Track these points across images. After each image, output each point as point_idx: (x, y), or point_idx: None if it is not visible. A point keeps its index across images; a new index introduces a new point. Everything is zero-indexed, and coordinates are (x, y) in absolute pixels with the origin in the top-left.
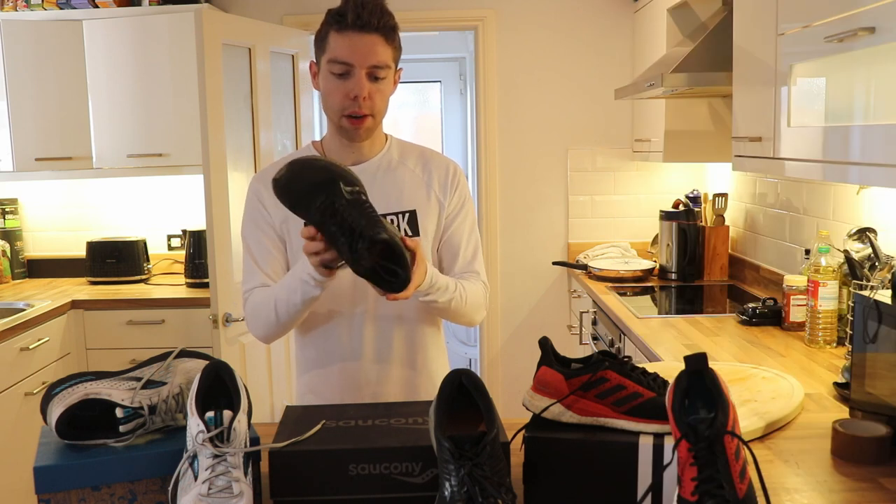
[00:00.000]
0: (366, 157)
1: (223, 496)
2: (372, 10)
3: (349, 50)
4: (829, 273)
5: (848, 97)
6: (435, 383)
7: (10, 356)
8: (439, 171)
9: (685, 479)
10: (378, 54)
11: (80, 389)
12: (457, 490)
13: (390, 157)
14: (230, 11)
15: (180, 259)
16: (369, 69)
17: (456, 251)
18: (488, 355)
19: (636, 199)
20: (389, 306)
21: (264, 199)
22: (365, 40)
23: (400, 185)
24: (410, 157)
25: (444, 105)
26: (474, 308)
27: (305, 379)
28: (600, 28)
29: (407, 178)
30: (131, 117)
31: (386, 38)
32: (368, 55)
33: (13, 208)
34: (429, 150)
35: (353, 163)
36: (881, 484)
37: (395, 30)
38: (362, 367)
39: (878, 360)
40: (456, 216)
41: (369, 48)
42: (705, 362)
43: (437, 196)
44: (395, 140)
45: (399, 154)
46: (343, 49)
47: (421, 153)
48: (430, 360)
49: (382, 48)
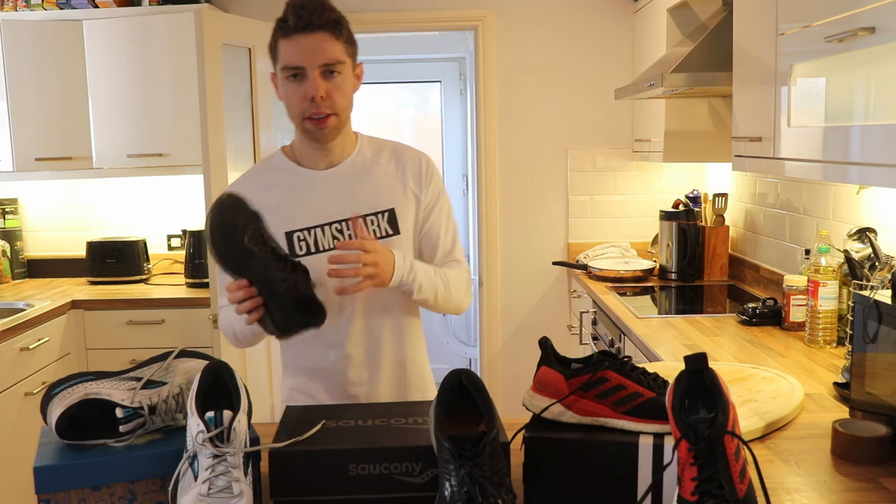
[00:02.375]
0: (338, 160)
1: (223, 496)
2: (312, 8)
3: (297, 53)
4: (829, 273)
5: (848, 97)
6: (423, 378)
7: (10, 356)
8: (412, 165)
9: (685, 479)
10: (327, 51)
11: (80, 389)
12: (457, 490)
13: (363, 157)
14: (230, 11)
15: (180, 259)
16: (321, 68)
17: (435, 243)
18: (488, 355)
19: (636, 199)
20: (376, 303)
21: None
22: (311, 40)
23: (376, 184)
24: (383, 154)
25: (444, 105)
26: (459, 294)
27: (291, 380)
28: (600, 28)
29: (382, 176)
30: (131, 117)
31: (332, 32)
32: (317, 54)
33: (13, 208)
34: (399, 144)
35: (325, 167)
36: (881, 484)
37: (339, 23)
38: (351, 366)
39: (878, 360)
40: (433, 208)
41: (317, 47)
42: (705, 362)
43: (412, 191)
44: (366, 138)
45: (372, 153)
46: (292, 53)
47: (392, 149)
48: (417, 356)
49: (331, 44)
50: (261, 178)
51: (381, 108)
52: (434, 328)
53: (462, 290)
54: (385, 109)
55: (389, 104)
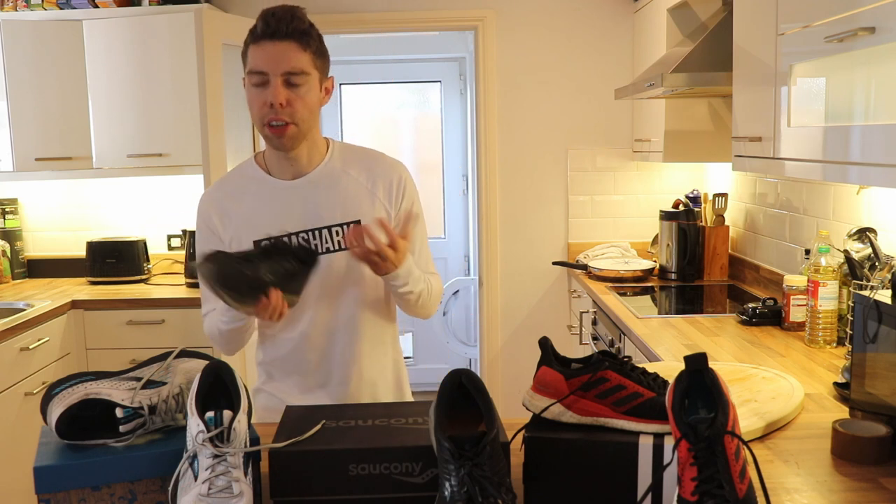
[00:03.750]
0: (305, 170)
1: (223, 496)
2: (281, 17)
3: (263, 59)
4: (829, 273)
5: (848, 97)
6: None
7: (10, 356)
8: (384, 178)
9: (685, 479)
10: (291, 60)
11: (80, 389)
12: (457, 490)
13: (332, 167)
14: (230, 11)
15: (180, 259)
16: (284, 76)
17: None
18: (488, 355)
19: (636, 199)
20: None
21: (212, 223)
22: (277, 48)
23: (343, 195)
24: (353, 164)
25: (444, 105)
26: (435, 301)
27: (265, 378)
28: (600, 28)
29: (350, 187)
30: (131, 117)
31: (300, 43)
32: (281, 62)
33: (13, 208)
34: (373, 153)
35: (292, 176)
36: (881, 484)
37: (307, 34)
38: (328, 367)
39: (878, 360)
40: (407, 222)
41: (282, 55)
42: (705, 362)
43: (382, 204)
44: (338, 146)
45: (342, 162)
46: (257, 59)
47: (365, 158)
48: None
49: (296, 54)
50: (232, 185)
51: (381, 108)
52: (434, 328)
53: (436, 298)
54: (385, 109)
55: (389, 104)
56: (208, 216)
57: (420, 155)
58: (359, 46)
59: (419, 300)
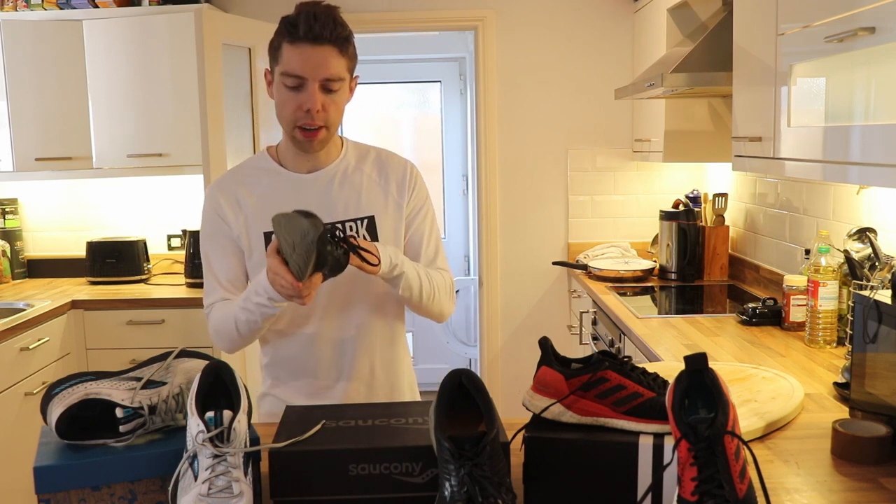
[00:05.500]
0: (322, 165)
1: (223, 496)
2: (325, 21)
3: (302, 63)
4: (829, 273)
5: (848, 97)
6: (392, 388)
7: (10, 356)
8: (396, 173)
9: (685, 479)
10: (331, 67)
11: (80, 389)
12: (457, 490)
13: (347, 164)
14: (230, 11)
15: (180, 259)
16: (322, 82)
17: (417, 250)
18: (488, 355)
19: (636, 199)
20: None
21: (223, 211)
22: (318, 53)
23: (357, 191)
24: (367, 161)
25: (444, 105)
26: (443, 297)
27: (271, 382)
28: (600, 28)
29: (364, 183)
30: (131, 117)
31: (339, 49)
32: (321, 68)
33: (13, 208)
34: (384, 151)
35: (308, 171)
36: (881, 484)
37: (348, 40)
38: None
39: (878, 360)
40: (415, 217)
41: (322, 61)
42: (705, 362)
43: (394, 199)
44: (351, 143)
45: (356, 159)
46: (296, 62)
47: (377, 155)
48: (394, 361)
49: (336, 60)
50: (245, 176)
51: (381, 108)
52: (434, 328)
53: (446, 294)
54: (385, 109)
55: (389, 104)
56: (218, 204)
57: (420, 155)
58: (359, 46)
59: (422, 300)
